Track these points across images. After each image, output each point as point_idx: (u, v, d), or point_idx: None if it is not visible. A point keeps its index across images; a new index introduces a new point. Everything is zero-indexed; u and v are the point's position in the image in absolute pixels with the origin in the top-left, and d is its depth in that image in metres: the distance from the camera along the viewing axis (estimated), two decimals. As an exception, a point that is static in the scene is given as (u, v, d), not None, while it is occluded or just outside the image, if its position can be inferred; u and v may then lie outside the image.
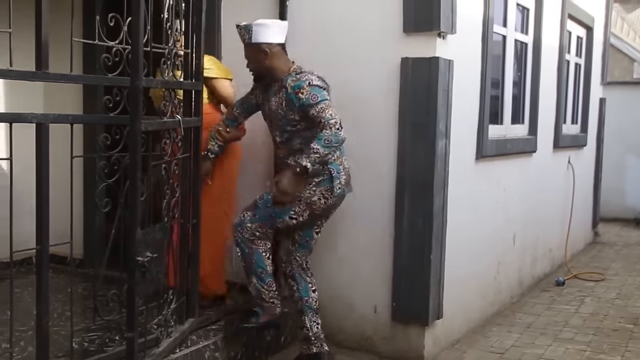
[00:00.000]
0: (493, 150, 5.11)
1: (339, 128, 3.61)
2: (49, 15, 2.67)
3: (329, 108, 3.65)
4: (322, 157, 3.60)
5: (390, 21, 4.20)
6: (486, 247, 5.21)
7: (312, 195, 3.78)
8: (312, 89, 3.69)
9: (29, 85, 4.85)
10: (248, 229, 3.86)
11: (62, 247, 3.01)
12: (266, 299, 3.93)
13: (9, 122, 2.69)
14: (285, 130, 3.85)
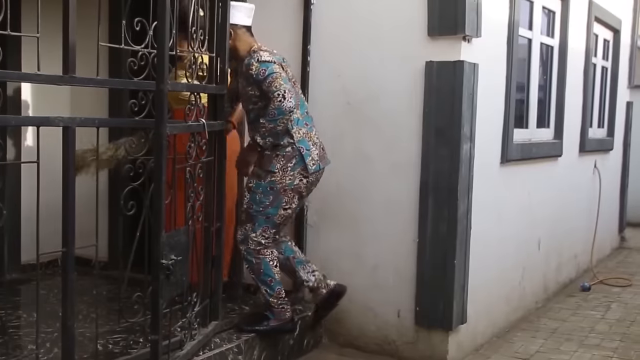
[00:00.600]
0: (518, 154, 5.07)
1: (281, 100, 3.69)
2: (76, 20, 2.69)
3: (275, 80, 3.73)
4: (269, 130, 3.75)
5: (414, 25, 4.19)
6: (511, 252, 5.17)
7: (293, 180, 3.85)
8: (260, 65, 3.77)
9: (56, 89, 4.92)
10: (253, 240, 3.90)
11: (86, 249, 3.03)
12: (275, 306, 3.96)
13: (36, 126, 2.73)
14: (249, 109, 3.95)
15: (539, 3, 5.48)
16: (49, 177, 2.97)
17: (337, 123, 4.49)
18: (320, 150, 3.99)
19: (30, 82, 4.43)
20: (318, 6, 4.52)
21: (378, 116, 4.35)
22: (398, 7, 4.26)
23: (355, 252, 4.48)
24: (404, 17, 4.24)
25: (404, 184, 4.29)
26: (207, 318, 3.71)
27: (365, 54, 4.39)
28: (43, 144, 2.73)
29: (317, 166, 3.94)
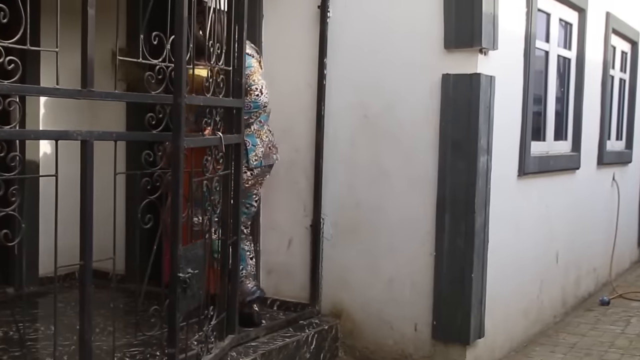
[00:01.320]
0: (535, 167, 5.04)
1: (258, 94, 3.85)
2: (94, 34, 2.71)
3: (253, 75, 3.87)
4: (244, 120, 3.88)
5: (431, 38, 4.19)
6: (528, 266, 5.13)
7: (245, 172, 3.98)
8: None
9: (74, 103, 4.95)
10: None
11: (104, 262, 3.04)
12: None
13: (54, 140, 2.74)
14: None
15: (556, 15, 5.47)
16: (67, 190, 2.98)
17: (353, 136, 4.50)
18: (266, 149, 4.13)
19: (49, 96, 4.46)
20: (334, 19, 4.53)
21: (395, 129, 4.35)
22: (414, 20, 4.27)
23: (371, 265, 4.47)
24: (420, 30, 4.24)
25: (421, 197, 4.27)
26: (223, 331, 3.70)
27: (382, 67, 4.39)
28: (61, 158, 2.74)
29: (259, 162, 4.09)
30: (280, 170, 4.73)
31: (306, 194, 4.66)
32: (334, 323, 4.51)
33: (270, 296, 4.77)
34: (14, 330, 3.95)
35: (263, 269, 4.84)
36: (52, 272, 2.76)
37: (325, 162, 4.58)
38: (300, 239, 4.71)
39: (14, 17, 2.45)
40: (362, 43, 4.46)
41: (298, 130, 4.67)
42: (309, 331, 4.28)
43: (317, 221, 4.60)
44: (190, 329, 3.27)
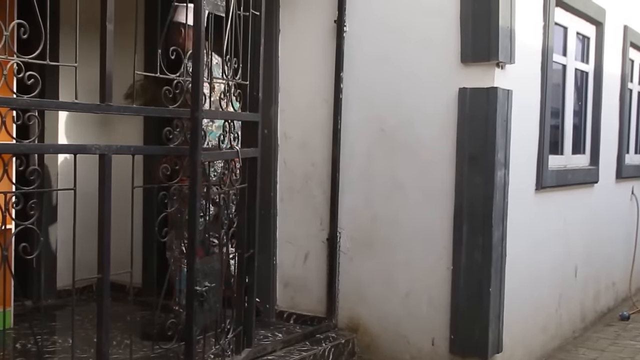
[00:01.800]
0: (553, 180, 5.02)
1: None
2: (113, 50, 2.74)
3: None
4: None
5: (447, 52, 4.19)
6: (547, 280, 5.10)
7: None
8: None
9: (92, 117, 5.01)
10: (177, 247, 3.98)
11: (121, 275, 3.05)
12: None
13: (73, 154, 2.77)
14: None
15: (573, 29, 5.46)
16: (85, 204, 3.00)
17: (370, 149, 4.49)
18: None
19: (68, 110, 4.53)
20: (351, 33, 4.54)
21: (411, 143, 4.34)
22: (431, 35, 4.27)
23: (388, 279, 4.45)
24: (436, 44, 4.24)
25: (438, 211, 4.26)
26: (240, 345, 3.70)
27: (398, 80, 4.39)
28: (79, 171, 2.77)
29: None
30: (297, 184, 4.75)
31: (323, 208, 4.66)
32: (350, 337, 4.50)
33: (286, 309, 4.77)
34: (32, 343, 3.97)
35: (279, 283, 4.84)
36: (70, 285, 2.78)
37: (342, 176, 4.58)
38: (317, 253, 4.70)
39: (34, 32, 2.48)
40: (379, 57, 4.47)
41: (314, 145, 4.68)
42: (326, 345, 4.27)
43: (333, 235, 4.60)
44: (207, 342, 3.28)
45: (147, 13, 4.93)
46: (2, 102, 2.41)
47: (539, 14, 4.74)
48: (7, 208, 2.45)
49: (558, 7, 5.01)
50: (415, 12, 4.33)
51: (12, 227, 3.51)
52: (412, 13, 4.34)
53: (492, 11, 4.02)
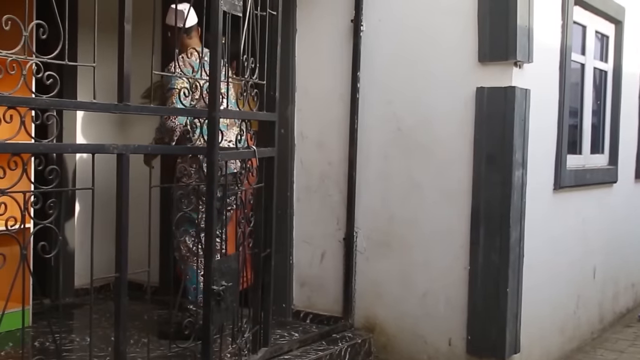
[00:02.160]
0: (572, 180, 4.98)
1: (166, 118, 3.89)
2: (131, 50, 2.75)
3: (171, 97, 3.86)
4: (156, 140, 4.06)
5: (465, 51, 4.17)
6: (565, 281, 5.06)
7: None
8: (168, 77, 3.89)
9: (110, 117, 5.04)
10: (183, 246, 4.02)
11: (138, 274, 3.06)
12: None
13: (91, 153, 2.78)
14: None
15: (592, 28, 5.42)
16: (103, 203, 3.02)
17: (387, 149, 4.48)
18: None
19: (86, 110, 4.55)
20: (368, 33, 4.54)
21: (428, 142, 4.33)
22: (448, 34, 4.25)
23: (405, 279, 4.44)
24: (454, 43, 4.23)
25: (455, 211, 4.24)
26: (257, 344, 3.71)
27: (416, 80, 4.38)
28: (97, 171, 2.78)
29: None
30: (313, 184, 4.75)
31: (339, 207, 4.66)
32: (367, 337, 4.49)
33: (303, 309, 4.78)
34: (51, 341, 4.00)
35: (296, 282, 4.84)
36: (88, 283, 2.80)
37: (359, 176, 4.58)
38: (333, 252, 4.70)
39: (52, 32, 2.50)
40: (395, 56, 4.46)
41: (331, 144, 4.68)
42: (342, 345, 4.26)
43: (350, 234, 4.59)
44: (224, 341, 3.29)
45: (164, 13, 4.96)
46: (22, 102, 2.42)
47: (558, 12, 4.71)
48: (26, 207, 2.47)
49: (577, 5, 4.98)
50: (433, 11, 4.31)
51: (31, 226, 3.56)
52: (430, 12, 4.33)
53: (510, 10, 4.00)
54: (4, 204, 2.38)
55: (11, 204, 2.42)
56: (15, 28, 2.37)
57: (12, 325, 3.97)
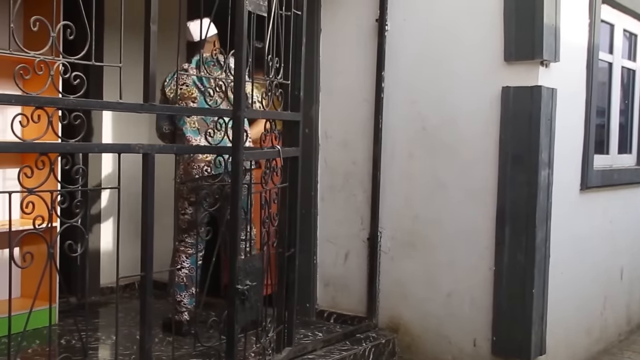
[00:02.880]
0: (599, 181, 4.93)
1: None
2: (157, 50, 2.77)
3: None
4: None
5: (491, 50, 4.15)
6: (591, 282, 5.01)
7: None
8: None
9: (135, 116, 5.06)
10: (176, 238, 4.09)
11: (162, 273, 3.08)
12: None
13: (117, 153, 2.80)
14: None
15: (619, 26, 5.36)
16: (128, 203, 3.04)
17: (411, 148, 4.47)
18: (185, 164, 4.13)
19: (112, 110, 4.59)
20: (392, 32, 4.52)
21: (453, 142, 4.31)
22: (474, 33, 4.23)
23: (429, 279, 4.42)
24: (479, 42, 4.20)
25: (480, 211, 4.22)
26: (281, 344, 3.71)
27: (441, 79, 4.36)
28: (123, 170, 2.80)
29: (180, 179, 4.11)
30: (337, 183, 4.74)
31: (363, 207, 4.65)
32: (391, 337, 4.48)
33: (326, 309, 4.78)
34: (77, 339, 4.03)
35: (320, 282, 4.84)
36: (113, 282, 2.82)
37: (383, 175, 4.57)
38: (358, 252, 4.70)
39: (79, 33, 2.52)
40: (420, 56, 4.44)
41: (355, 144, 4.67)
42: (366, 345, 4.25)
43: (374, 234, 4.58)
44: (248, 340, 3.29)
45: (189, 13, 4.99)
46: (50, 102, 2.45)
47: (585, 11, 4.66)
48: (53, 206, 2.49)
49: (604, 4, 4.92)
50: (458, 10, 4.29)
51: (58, 225, 3.59)
52: (455, 11, 4.30)
53: (537, 9, 3.96)
54: (31, 203, 2.41)
55: (39, 203, 2.44)
56: (43, 29, 2.40)
57: (39, 323, 4.03)
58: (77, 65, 2.53)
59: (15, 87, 2.40)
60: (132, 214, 3.94)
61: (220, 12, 3.11)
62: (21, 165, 2.47)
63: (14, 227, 2.46)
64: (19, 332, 2.50)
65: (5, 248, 4.19)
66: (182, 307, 4.17)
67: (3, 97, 2.50)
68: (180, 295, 4.19)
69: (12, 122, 2.42)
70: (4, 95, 2.48)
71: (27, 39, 2.73)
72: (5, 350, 2.52)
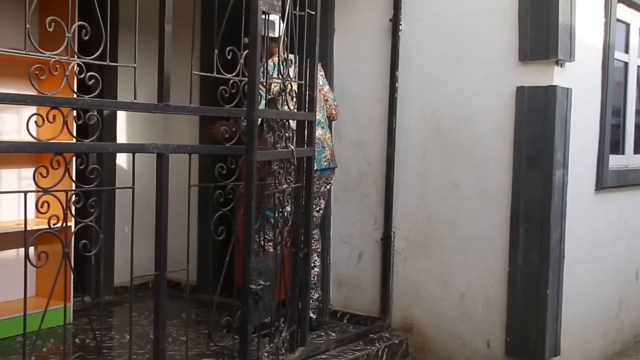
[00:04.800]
0: (614, 181, 4.90)
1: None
2: (171, 50, 2.77)
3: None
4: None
5: (505, 50, 4.13)
6: (607, 283, 4.98)
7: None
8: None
9: (149, 116, 5.09)
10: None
11: (176, 273, 3.09)
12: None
13: (132, 153, 2.81)
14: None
15: (635, 25, 5.32)
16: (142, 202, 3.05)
17: (425, 149, 4.46)
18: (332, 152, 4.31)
19: (127, 110, 4.61)
20: (406, 32, 4.51)
21: (467, 142, 4.29)
22: (488, 33, 4.21)
23: (443, 280, 4.41)
24: (494, 42, 4.18)
25: (494, 211, 4.20)
26: (294, 344, 3.71)
27: (455, 79, 4.34)
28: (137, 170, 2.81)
29: (328, 164, 4.27)
30: (351, 183, 4.74)
31: (377, 207, 4.65)
32: (404, 337, 4.47)
33: (340, 309, 4.78)
34: (91, 338, 4.05)
35: (333, 282, 4.84)
36: (127, 281, 2.83)
37: (396, 175, 4.56)
38: (371, 252, 4.69)
39: (93, 33, 2.53)
40: (434, 56, 4.43)
41: (369, 143, 4.67)
42: (379, 345, 4.25)
43: (387, 234, 4.58)
44: (261, 340, 3.29)
45: (203, 13, 5.01)
46: (65, 102, 2.46)
47: (600, 10, 4.63)
48: (68, 206, 2.50)
49: (620, 3, 4.89)
50: (472, 10, 4.28)
51: (72, 224, 3.61)
52: (469, 11, 4.29)
53: (552, 8, 3.94)
54: (47, 202, 2.42)
55: (54, 202, 2.45)
56: (58, 29, 2.41)
57: (54, 322, 4.03)
58: (92, 65, 2.54)
59: (30, 87, 2.41)
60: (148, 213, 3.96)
61: (234, 12, 3.12)
62: (36, 165, 2.48)
63: (29, 227, 2.47)
64: (34, 330, 2.51)
65: (21, 247, 4.22)
66: (312, 304, 4.29)
67: (19, 97, 2.51)
68: (310, 292, 4.22)
69: (27, 122, 2.43)
70: (20, 95, 2.49)
71: (43, 40, 2.76)
72: (21, 349, 2.53)
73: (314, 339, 4.15)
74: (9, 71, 4.17)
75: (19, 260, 4.23)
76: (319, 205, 4.38)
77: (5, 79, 4.15)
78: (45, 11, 4.04)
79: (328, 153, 4.28)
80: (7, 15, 4.16)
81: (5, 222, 4.28)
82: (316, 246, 4.43)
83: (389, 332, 4.49)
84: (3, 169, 4.34)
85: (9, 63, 4.14)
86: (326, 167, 4.27)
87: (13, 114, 4.38)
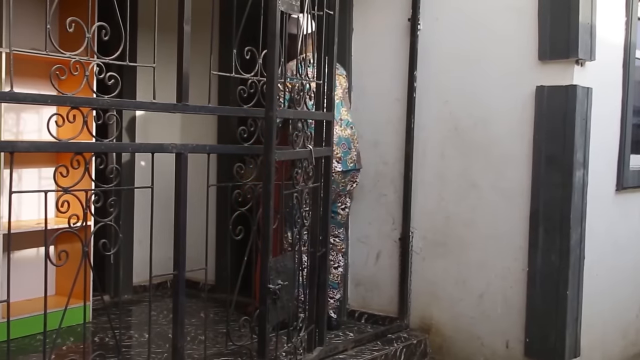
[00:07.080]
0: (635, 181, 4.85)
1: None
2: (190, 51, 2.78)
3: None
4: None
5: (524, 49, 4.10)
6: (627, 284, 4.93)
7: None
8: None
9: (168, 116, 5.10)
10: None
11: (195, 272, 3.10)
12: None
13: (150, 152, 2.83)
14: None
15: (656, 24, 5.27)
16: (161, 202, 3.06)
17: (443, 148, 4.44)
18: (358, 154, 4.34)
19: (146, 110, 4.62)
20: (425, 31, 4.50)
21: (486, 142, 4.27)
22: (507, 32, 4.19)
23: (461, 280, 4.39)
24: (513, 41, 4.16)
25: (513, 211, 4.18)
26: (312, 343, 3.71)
27: (474, 79, 4.32)
28: (156, 170, 2.82)
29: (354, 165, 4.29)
30: (369, 183, 4.73)
31: (395, 207, 4.63)
32: (422, 337, 4.46)
33: (358, 309, 4.77)
34: (110, 337, 4.08)
35: (351, 282, 4.84)
36: (146, 280, 2.84)
37: (414, 175, 4.55)
38: (389, 252, 4.68)
39: (113, 33, 2.54)
40: (453, 55, 4.41)
41: (387, 143, 4.66)
42: (398, 345, 4.24)
43: (406, 234, 4.56)
44: (280, 340, 3.30)
45: (222, 14, 5.02)
46: (85, 102, 2.48)
47: (621, 8, 4.59)
48: (87, 205, 2.52)
49: (641, 1, 4.85)
50: (491, 9, 4.25)
51: (92, 223, 3.63)
52: (488, 10, 4.27)
53: (572, 7, 3.91)
54: (67, 202, 2.44)
55: (73, 202, 2.47)
56: (78, 30, 2.42)
57: (74, 321, 4.09)
58: (112, 65, 2.56)
59: (50, 87, 2.43)
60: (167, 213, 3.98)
61: (253, 12, 3.12)
62: (56, 164, 2.51)
63: (49, 226, 2.49)
64: (54, 329, 2.53)
65: (41, 246, 4.25)
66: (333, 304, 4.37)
67: (39, 97, 2.53)
68: (332, 292, 4.35)
69: (48, 121, 2.45)
70: (41, 95, 2.51)
71: (63, 40, 2.77)
72: (41, 347, 2.55)
73: (332, 339, 4.14)
74: (29, 71, 4.21)
75: (39, 259, 4.27)
76: (344, 204, 4.39)
77: (25, 79, 4.18)
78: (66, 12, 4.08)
79: (354, 154, 4.29)
80: (28, 16, 4.19)
81: (25, 222, 4.31)
82: (341, 246, 4.44)
83: (407, 332, 4.48)
84: (24, 168, 4.37)
85: (30, 63, 4.18)
86: (352, 168, 4.28)
87: (33, 114, 4.41)
